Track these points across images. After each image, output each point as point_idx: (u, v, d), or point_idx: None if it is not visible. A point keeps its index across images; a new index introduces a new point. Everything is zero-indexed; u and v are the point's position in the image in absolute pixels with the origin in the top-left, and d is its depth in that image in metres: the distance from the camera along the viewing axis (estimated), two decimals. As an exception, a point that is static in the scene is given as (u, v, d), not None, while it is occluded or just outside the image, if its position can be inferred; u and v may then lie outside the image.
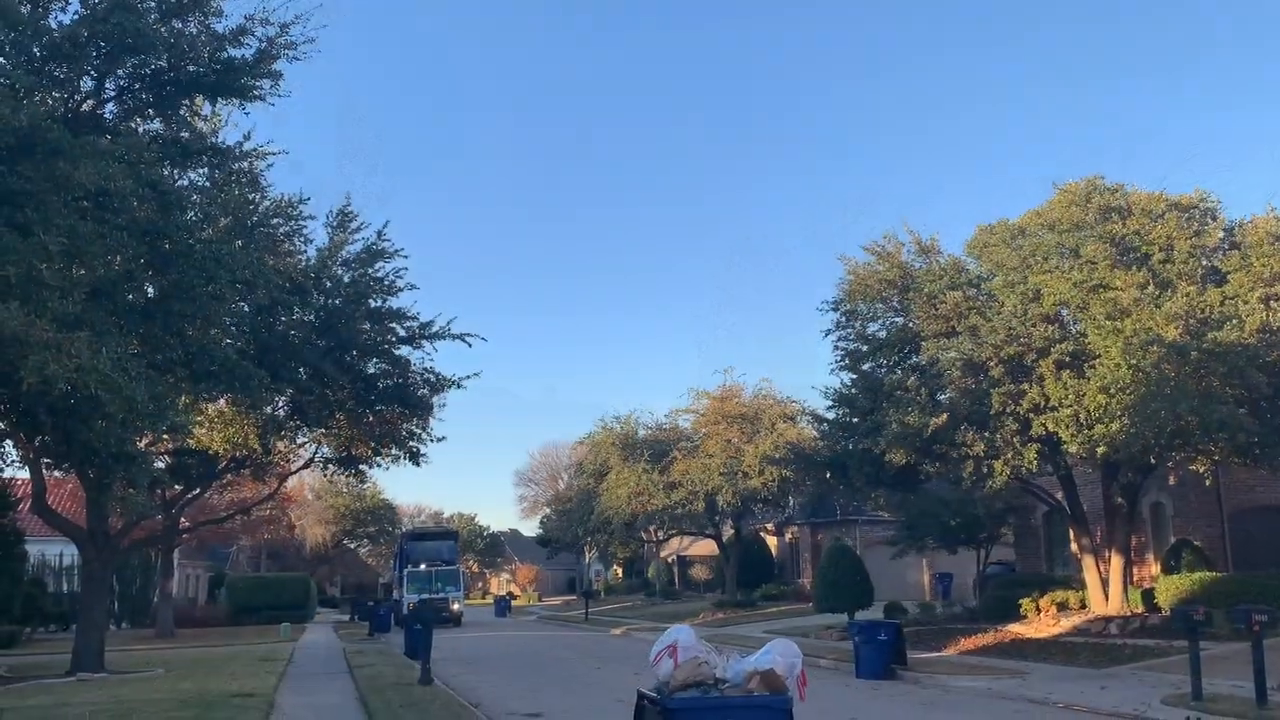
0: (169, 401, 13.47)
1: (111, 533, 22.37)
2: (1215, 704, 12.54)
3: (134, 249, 12.85)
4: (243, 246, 16.95)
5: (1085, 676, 16.76)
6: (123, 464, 13.81)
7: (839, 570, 26.25)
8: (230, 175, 17.69)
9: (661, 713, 6.93)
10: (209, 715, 12.89)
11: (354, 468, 27.84)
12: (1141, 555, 27.25)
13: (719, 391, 44.28)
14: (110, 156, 12.67)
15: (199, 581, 56.40)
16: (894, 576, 39.76)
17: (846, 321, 24.96)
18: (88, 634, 20.84)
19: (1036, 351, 20.43)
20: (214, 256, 14.62)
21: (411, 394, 25.11)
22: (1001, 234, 22.94)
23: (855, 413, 24.15)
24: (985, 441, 20.57)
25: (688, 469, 41.73)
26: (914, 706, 14.64)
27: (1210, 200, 22.06)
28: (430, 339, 25.30)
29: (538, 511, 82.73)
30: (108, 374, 11.09)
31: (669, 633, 7.56)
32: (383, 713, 13.28)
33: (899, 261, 24.13)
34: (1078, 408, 19.22)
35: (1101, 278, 20.13)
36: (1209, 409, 17.34)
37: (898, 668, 18.51)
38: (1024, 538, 33.25)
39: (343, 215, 24.47)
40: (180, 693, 15.68)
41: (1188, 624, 13.47)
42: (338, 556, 75.86)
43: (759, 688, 7.04)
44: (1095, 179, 22.62)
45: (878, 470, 23.10)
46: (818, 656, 21.39)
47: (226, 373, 16.29)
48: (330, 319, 23.12)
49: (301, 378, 22.36)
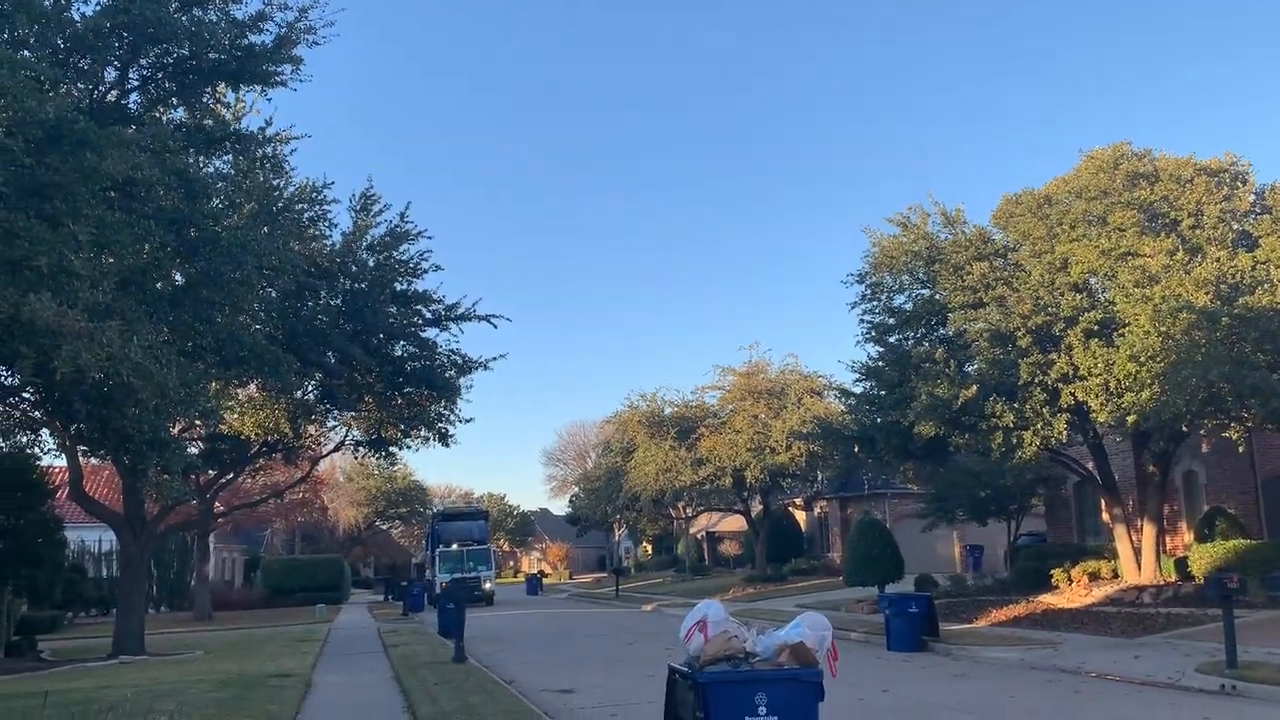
0: (200, 388, 13.64)
1: (148, 518, 22.72)
2: (1251, 671, 12.47)
3: (161, 237, 12.96)
4: (268, 233, 17.10)
5: (1118, 646, 16.70)
6: (157, 450, 14.00)
7: (868, 544, 26.22)
8: (254, 161, 17.80)
9: (693, 687, 6.98)
10: (248, 695, 13.10)
11: (384, 450, 28.07)
12: (1174, 524, 27.06)
13: (745, 368, 44.24)
14: (136, 146, 12.78)
15: (235, 565, 57.18)
16: (924, 549, 39.72)
17: (872, 294, 24.81)
18: (128, 618, 21.22)
19: (1065, 321, 20.26)
20: (240, 243, 14.75)
21: (439, 376, 25.25)
22: (1028, 203, 22.73)
23: (882, 385, 24.05)
24: (1014, 412, 20.45)
25: (715, 445, 41.75)
26: (946, 678, 14.65)
27: (1240, 164, 21.76)
28: (456, 321, 25.43)
29: (566, 490, 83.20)
30: (139, 362, 11.23)
31: (698, 608, 7.60)
32: (418, 691, 13.45)
33: (924, 233, 23.96)
34: (1107, 376, 19.06)
35: (1130, 245, 19.92)
36: (1241, 375, 17.14)
37: (929, 640, 18.50)
38: (1055, 508, 33.09)
39: (365, 198, 24.57)
40: (220, 673, 15.95)
41: (1222, 592, 13.38)
42: (370, 538, 76.60)
43: (789, 661, 7.07)
44: (1123, 145, 22.37)
45: (906, 443, 23.01)
46: (848, 630, 21.42)
47: (256, 358, 16.45)
48: (356, 303, 23.27)
49: (330, 362, 22.56)
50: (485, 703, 12.06)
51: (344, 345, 21.96)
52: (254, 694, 13.18)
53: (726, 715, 6.81)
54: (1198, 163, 21.45)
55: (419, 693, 13.22)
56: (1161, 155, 22.12)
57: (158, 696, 12.39)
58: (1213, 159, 21.65)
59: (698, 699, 6.88)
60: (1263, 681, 11.96)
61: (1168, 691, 12.57)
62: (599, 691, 14.10)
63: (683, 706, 7.27)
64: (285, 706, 12.08)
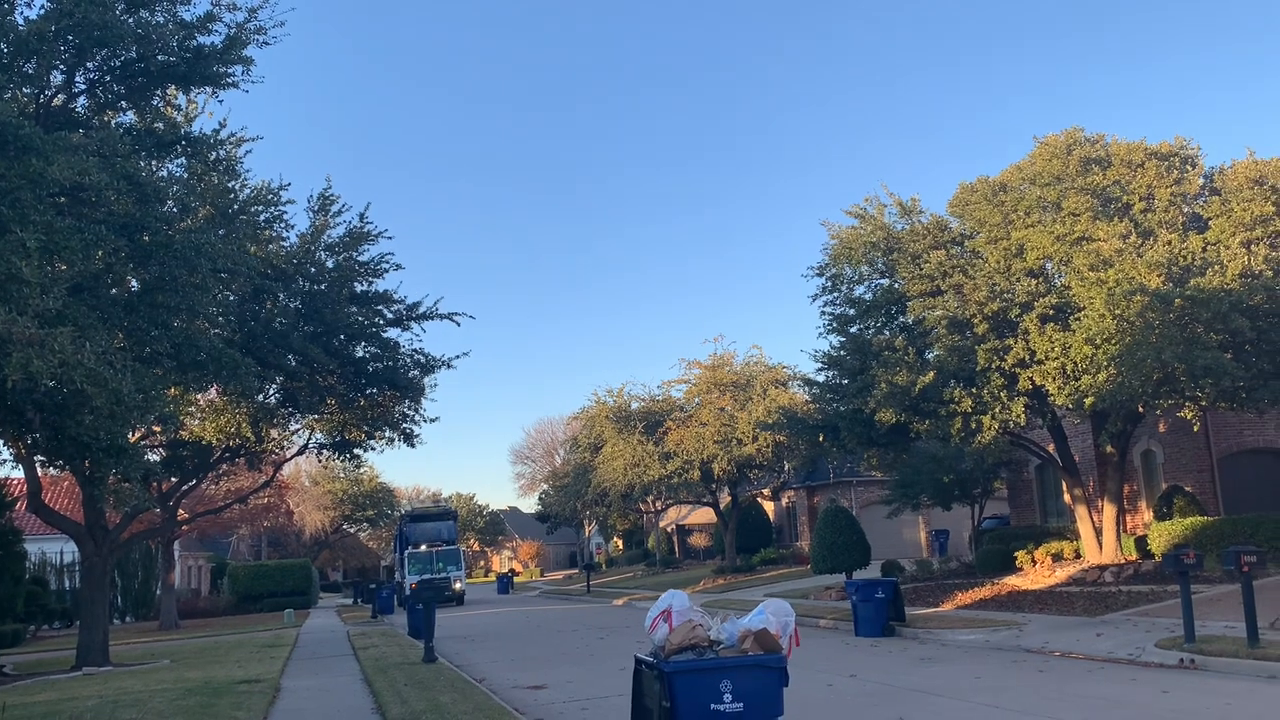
0: (157, 393, 13.46)
1: (109, 527, 22.40)
2: (1208, 645, 12.72)
3: (113, 243, 12.77)
4: (224, 235, 16.93)
5: (1081, 625, 16.96)
6: (115, 457, 13.81)
7: (835, 531, 26.43)
8: (208, 164, 17.59)
9: (659, 676, 7.01)
10: (216, 702, 12.98)
11: (349, 452, 27.91)
12: (1134, 503, 27.49)
13: (710, 360, 44.40)
14: (84, 151, 12.59)
15: (201, 572, 56.57)
16: (890, 535, 40.11)
17: (833, 285, 24.98)
18: (91, 629, 20.93)
19: (1020, 306, 20.53)
20: (195, 247, 14.56)
21: (402, 376, 25.14)
22: (983, 191, 22.96)
23: (844, 374, 24.24)
24: (972, 397, 20.70)
25: (682, 438, 41.88)
26: (912, 662, 14.81)
27: (1190, 148, 22.11)
28: (418, 320, 25.36)
29: (535, 488, 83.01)
30: (93, 368, 11.08)
31: (663, 598, 7.64)
32: (388, 692, 13.38)
33: (881, 223, 24.16)
34: (1064, 360, 19.33)
35: (1084, 230, 20.19)
36: (1194, 355, 17.45)
37: (896, 624, 18.69)
38: (1017, 491, 33.50)
39: (324, 199, 24.40)
40: (186, 682, 15.77)
41: (1179, 568, 13.63)
42: (338, 541, 76.02)
43: (753, 648, 7.12)
44: (1075, 130, 22.65)
45: (869, 430, 23.21)
46: (817, 617, 21.59)
47: (214, 362, 16.26)
48: (316, 304, 23.09)
49: (290, 364, 22.37)
50: (456, 701, 12.03)
51: (304, 347, 21.78)
52: (221, 701, 13.05)
53: (692, 703, 6.85)
54: (1148, 147, 21.76)
55: (389, 694, 13.15)
56: (1114, 140, 22.43)
57: (121, 706, 12.26)
58: (1163, 143, 21.97)
59: (663, 688, 6.92)
60: (1219, 654, 12.20)
61: (1129, 667, 12.80)
62: (570, 686, 14.12)
63: (649, 697, 7.31)
64: (253, 713, 11.98)
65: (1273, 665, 11.39)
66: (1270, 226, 19.16)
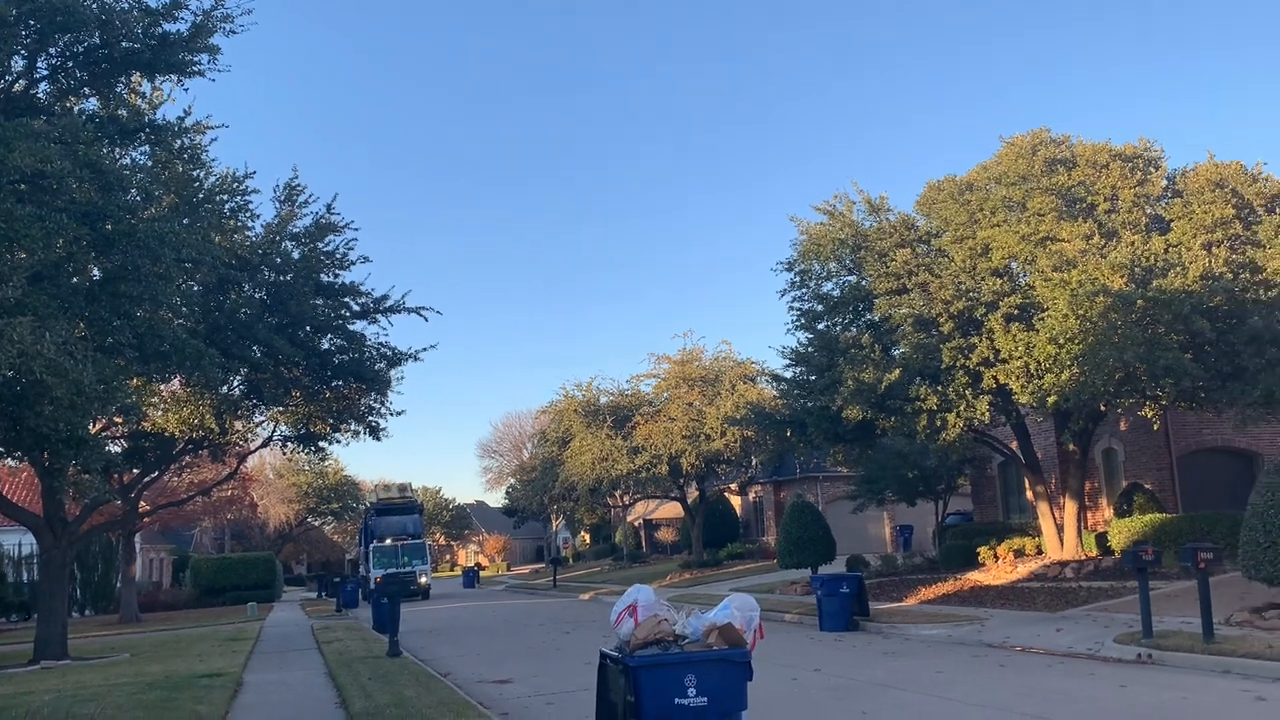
0: (119, 384, 13.28)
1: (69, 519, 22.11)
2: (1165, 640, 12.92)
3: (75, 231, 12.57)
4: (188, 225, 16.71)
5: (1042, 620, 17.17)
6: (74, 449, 13.62)
7: (801, 526, 26.55)
8: (172, 152, 17.36)
9: (623, 671, 7.02)
10: (176, 696, 12.86)
11: (313, 445, 27.72)
12: (1095, 500, 27.85)
13: (679, 355, 44.48)
14: (46, 138, 12.38)
15: (163, 565, 55.97)
16: (856, 530, 40.39)
17: (801, 281, 25.09)
18: (49, 622, 20.64)
19: (985, 305, 20.71)
20: (158, 236, 14.36)
21: (368, 369, 24.99)
22: (950, 190, 23.13)
23: (812, 371, 24.35)
24: (938, 395, 20.88)
25: (650, 433, 41.92)
26: (876, 656, 14.94)
27: (1153, 149, 22.38)
28: (385, 313, 25.21)
29: (503, 482, 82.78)
30: (53, 358, 10.91)
31: (628, 593, 7.64)
32: (351, 686, 13.31)
33: (850, 220, 24.28)
34: (1028, 359, 19.53)
35: (1049, 230, 20.40)
36: (1155, 356, 17.69)
37: (860, 619, 18.83)
38: (981, 488, 33.84)
39: (290, 189, 24.18)
40: (147, 675, 15.61)
41: (1137, 564, 13.83)
42: (302, 535, 75.54)
43: (718, 642, 7.15)
44: (1041, 131, 22.87)
45: (835, 426, 23.34)
46: (782, 611, 21.71)
47: (177, 353, 16.07)
48: (281, 295, 22.89)
49: (255, 355, 22.18)
50: (420, 695, 11.99)
51: (269, 338, 21.59)
52: (182, 695, 12.93)
53: (657, 698, 6.87)
54: (1113, 148, 22.01)
55: (353, 688, 13.09)
56: (1079, 141, 22.66)
57: (79, 701, 12.11)
58: (1127, 145, 22.22)
59: (628, 683, 6.93)
60: (1176, 649, 12.41)
61: (1088, 662, 12.99)
62: (536, 681, 14.12)
63: (614, 691, 7.32)
64: (214, 707, 11.88)
65: (1227, 660, 11.61)
66: (1230, 229, 19.45)
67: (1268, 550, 13.22)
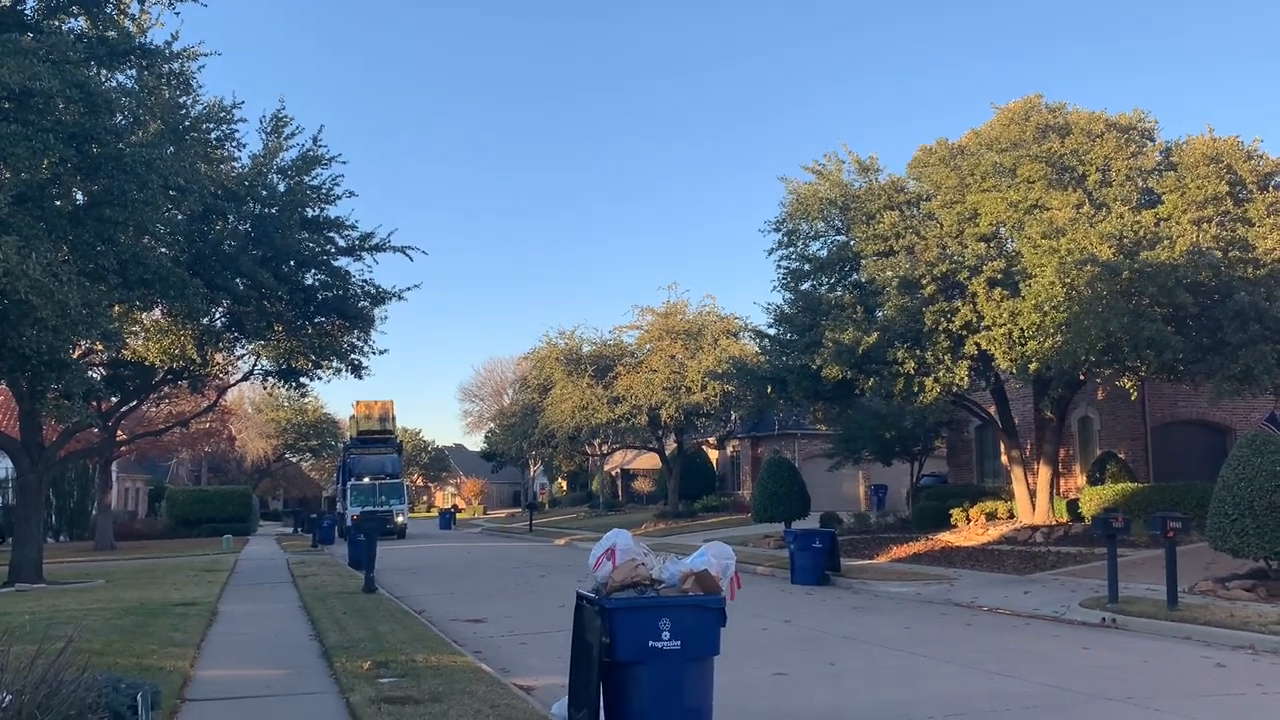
0: (102, 309, 13.21)
1: (46, 445, 22.06)
2: (1130, 605, 13.18)
3: (61, 152, 12.39)
4: (174, 152, 16.50)
5: (1010, 582, 17.45)
6: (56, 371, 13.54)
7: (777, 482, 26.79)
8: (160, 77, 17.09)
9: (599, 613, 7.10)
10: (152, 623, 12.94)
11: (294, 380, 27.65)
12: (1069, 467, 28.19)
13: (663, 308, 44.51)
14: (34, 55, 12.17)
15: (139, 495, 56.00)
16: (831, 488, 40.74)
17: (789, 241, 25.07)
18: (24, 546, 20.69)
19: (969, 270, 20.76)
20: (145, 161, 14.19)
21: (351, 305, 24.89)
22: (941, 154, 23.07)
23: (794, 329, 24.43)
24: (916, 359, 20.98)
25: (631, 384, 42.06)
26: (845, 610, 15.18)
27: (1148, 121, 22.35)
28: (370, 251, 25.03)
29: (482, 426, 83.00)
30: (38, 279, 10.83)
31: (607, 537, 7.71)
32: (326, 620, 13.42)
33: (839, 181, 24.22)
34: (1010, 325, 19.63)
35: (1038, 197, 20.41)
36: (1138, 327, 17.83)
37: (832, 574, 19.09)
38: (956, 450, 34.17)
39: (277, 120, 23.85)
40: (122, 601, 15.70)
41: (1107, 531, 14.06)
42: (280, 470, 75.62)
43: (693, 588, 7.24)
44: (1035, 98, 22.77)
45: (816, 385, 23.46)
46: (755, 564, 21.97)
47: (160, 281, 15.96)
48: (266, 228, 22.68)
49: (238, 288, 22.04)
50: (394, 631, 12.11)
51: (253, 271, 21.42)
52: (157, 622, 13.02)
53: (631, 640, 6.96)
54: (1108, 118, 21.96)
55: (327, 621, 13.20)
56: (1074, 110, 22.58)
57: (56, 623, 12.16)
58: (1122, 115, 22.18)
59: (604, 624, 7.01)
60: (1140, 615, 12.66)
61: (1053, 624, 13.24)
62: (509, 621, 14.29)
63: (590, 631, 7.40)
64: (189, 634, 11.96)
65: (1188, 627, 11.86)
66: (1222, 206, 19.51)
67: (1235, 522, 13.47)
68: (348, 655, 10.07)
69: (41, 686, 5.07)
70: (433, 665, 9.44)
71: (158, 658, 9.80)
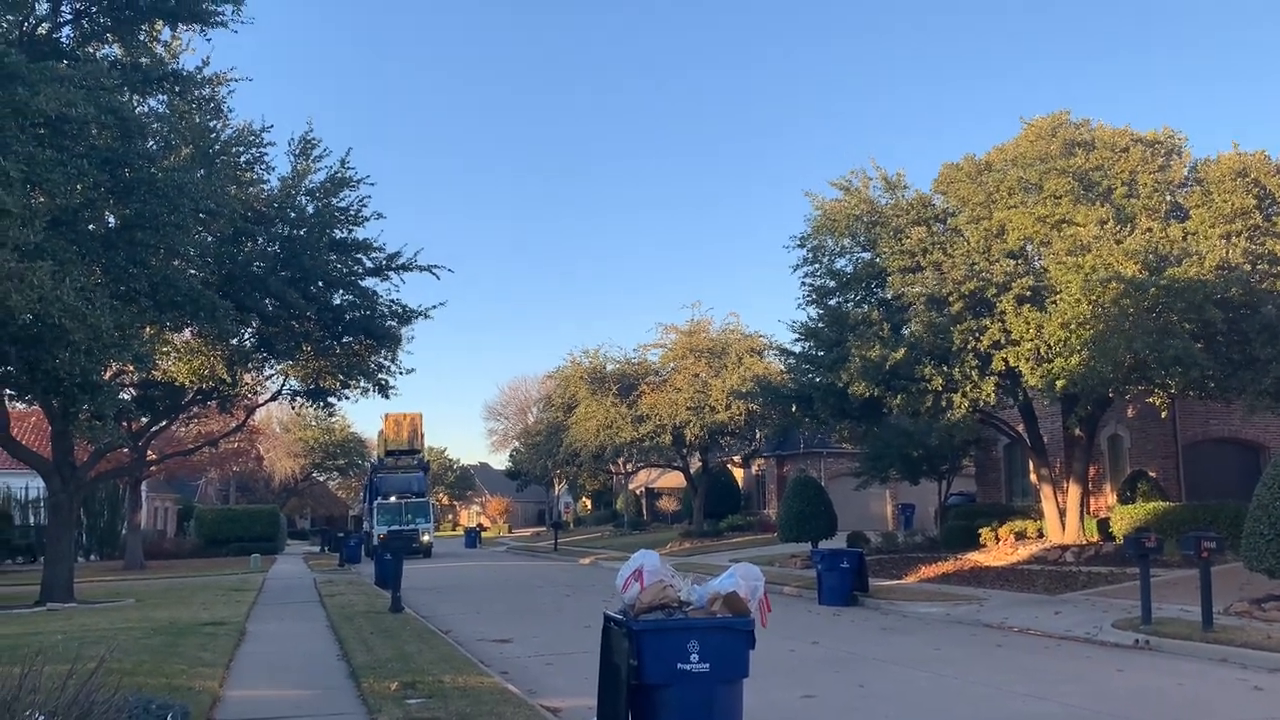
0: (133, 331, 13.38)
1: (77, 465, 22.29)
2: (1164, 627, 12.99)
3: (95, 177, 12.60)
4: (205, 175, 16.73)
5: (1040, 602, 17.25)
6: (88, 394, 13.72)
7: (803, 501, 26.66)
8: (191, 102, 17.35)
9: (627, 634, 7.08)
10: (180, 642, 13.01)
11: (322, 400, 27.83)
12: (1099, 486, 27.90)
13: (687, 326, 44.51)
14: (69, 82, 12.39)
15: (168, 514, 56.40)
16: (857, 507, 40.47)
17: (814, 257, 25.02)
18: (56, 565, 20.88)
19: (997, 287, 20.65)
20: (176, 185, 14.40)
21: (378, 325, 25.05)
22: (967, 170, 23.03)
23: (820, 346, 24.35)
24: (943, 376, 20.86)
25: (655, 402, 42.02)
26: (874, 631, 15.06)
27: (1176, 137, 22.24)
28: (397, 270, 25.21)
29: (507, 445, 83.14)
30: (71, 303, 10.99)
31: (635, 557, 7.70)
32: (353, 639, 13.45)
33: (866, 197, 24.18)
34: (1038, 342, 19.51)
35: (1064, 213, 20.31)
36: (1165, 344, 17.65)
37: (860, 595, 18.94)
38: (985, 469, 33.90)
39: (305, 143, 24.12)
40: (151, 621, 15.79)
41: (1139, 550, 13.88)
42: (307, 489, 76.02)
43: (722, 610, 7.20)
44: (1061, 114, 22.73)
45: (842, 403, 23.37)
46: (782, 584, 21.85)
47: (191, 302, 16.15)
48: (295, 249, 22.91)
49: (267, 308, 22.24)
50: (421, 651, 12.12)
51: (282, 291, 21.63)
52: (186, 641, 13.09)
53: (659, 662, 6.93)
54: (1134, 133, 21.87)
55: (354, 641, 13.23)
56: (1100, 125, 22.52)
57: (87, 643, 12.24)
58: (1149, 131, 22.09)
59: (632, 646, 6.99)
60: (1174, 636, 12.48)
61: (1085, 646, 13.06)
62: (535, 641, 14.26)
63: (618, 654, 7.39)
64: (218, 654, 12.02)
65: (1225, 649, 11.67)
66: (1250, 220, 19.35)
67: (1271, 542, 13.26)
68: (375, 676, 10.08)
69: (74, 708, 5.11)
70: (460, 686, 9.43)
71: (187, 678, 9.85)
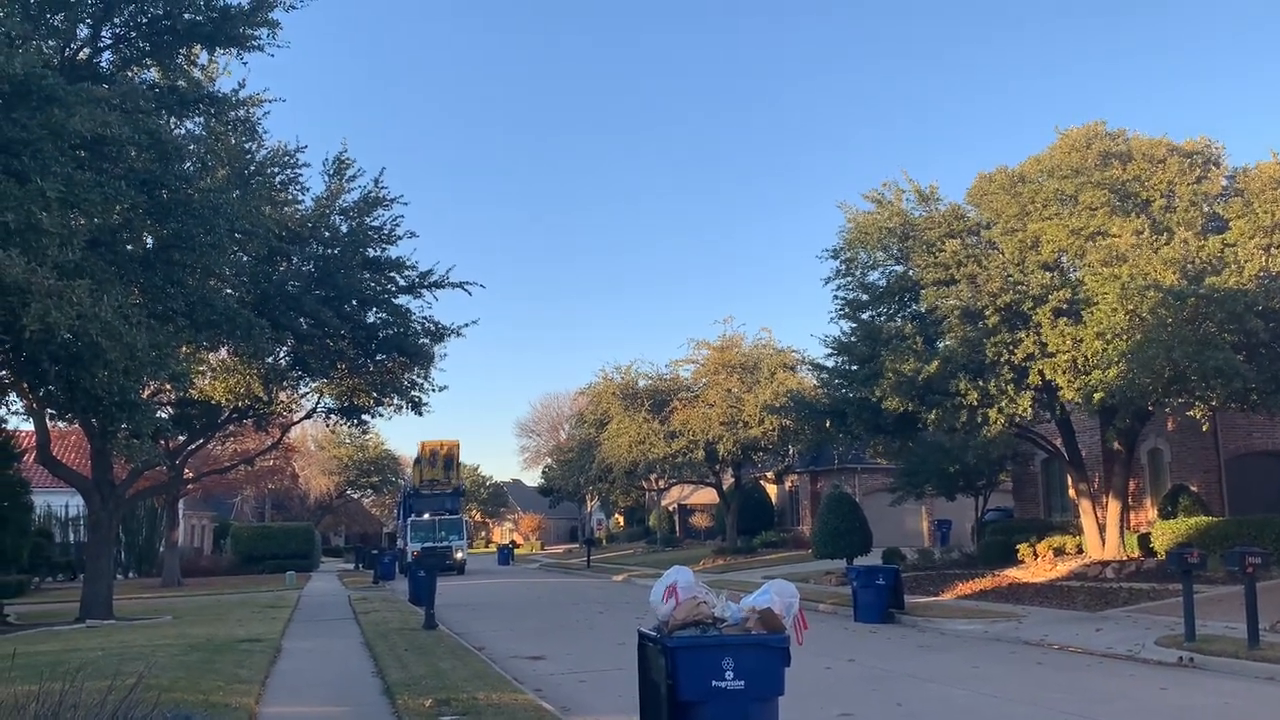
0: (170, 350, 13.54)
1: (116, 483, 22.57)
2: (1208, 644, 12.73)
3: (132, 198, 12.79)
4: (240, 196, 16.93)
5: (1080, 619, 16.98)
6: (126, 412, 13.88)
7: (838, 517, 26.48)
8: (227, 124, 17.59)
9: (662, 651, 7.05)
10: (217, 659, 13.09)
11: (356, 417, 28.03)
12: (1139, 500, 27.47)
13: (719, 341, 44.42)
14: (107, 104, 12.59)
15: (204, 531, 56.93)
16: (892, 523, 40.13)
17: (846, 270, 24.92)
18: (95, 582, 21.11)
19: (1033, 299, 20.43)
20: (212, 206, 14.59)
21: (412, 343, 25.20)
22: (1001, 181, 22.85)
23: (854, 360, 24.20)
24: (979, 390, 20.64)
25: (688, 418, 41.93)
26: (910, 649, 14.87)
27: (1214, 147, 21.93)
28: (430, 288, 25.38)
29: (539, 462, 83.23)
30: (109, 322, 11.13)
31: (668, 574, 7.66)
32: (388, 656, 13.48)
33: (899, 209, 24.05)
34: (1075, 354, 19.26)
35: (1100, 224, 20.08)
36: (1205, 355, 17.35)
37: (896, 612, 18.74)
38: (1022, 484, 33.49)
39: (339, 163, 24.40)
40: (188, 638, 15.92)
41: (1182, 566, 13.63)
42: (341, 506, 76.43)
43: (756, 626, 7.14)
44: (1097, 124, 22.50)
45: (876, 418, 23.20)
46: (817, 601, 21.66)
47: (227, 322, 16.34)
48: (329, 268, 23.14)
49: (302, 327, 22.45)
50: (455, 668, 12.12)
51: (316, 310, 21.85)
52: (223, 658, 13.17)
53: (694, 679, 6.89)
54: (1171, 143, 21.60)
55: (389, 658, 13.26)
56: (1135, 136, 22.27)
57: (126, 659, 12.36)
58: (1186, 140, 21.80)
59: (666, 663, 6.95)
60: (1219, 654, 12.22)
61: (1127, 663, 12.83)
62: (568, 658, 14.22)
63: (655, 670, 7.35)
64: (254, 671, 12.08)
65: (1272, 667, 11.41)
66: (1290, 229, 19.02)
67: (1318, 557, 12.98)
68: (409, 693, 10.08)
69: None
70: (494, 703, 9.41)
71: (223, 694, 9.89)
